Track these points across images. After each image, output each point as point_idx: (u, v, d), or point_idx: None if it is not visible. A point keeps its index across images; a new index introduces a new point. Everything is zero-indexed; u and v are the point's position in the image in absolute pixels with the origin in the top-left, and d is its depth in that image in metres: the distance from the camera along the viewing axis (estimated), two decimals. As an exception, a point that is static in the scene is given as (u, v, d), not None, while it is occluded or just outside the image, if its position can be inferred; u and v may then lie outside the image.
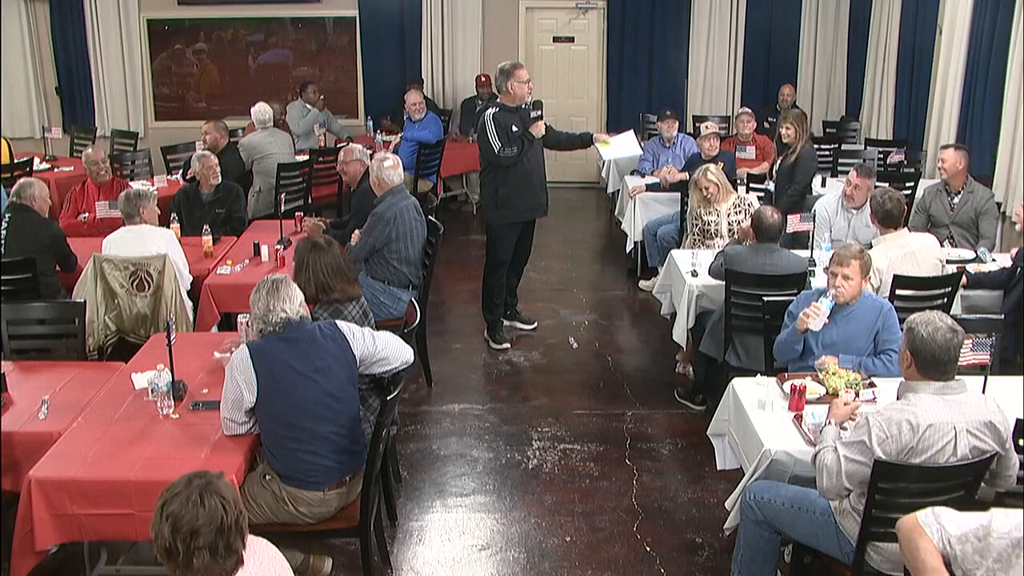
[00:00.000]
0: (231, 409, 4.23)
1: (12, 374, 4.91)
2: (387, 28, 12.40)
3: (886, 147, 9.88)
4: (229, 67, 12.73)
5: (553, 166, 12.84)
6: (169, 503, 2.60)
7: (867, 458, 3.66)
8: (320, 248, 4.97)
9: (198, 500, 2.59)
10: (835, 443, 3.81)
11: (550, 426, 6.25)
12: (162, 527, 2.59)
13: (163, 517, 2.59)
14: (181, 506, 2.58)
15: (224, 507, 2.62)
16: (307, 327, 4.28)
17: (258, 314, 4.20)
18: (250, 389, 4.13)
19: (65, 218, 7.76)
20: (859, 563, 3.81)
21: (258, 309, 4.19)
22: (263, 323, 4.20)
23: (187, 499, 2.58)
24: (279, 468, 4.21)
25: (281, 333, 4.20)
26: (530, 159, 7.06)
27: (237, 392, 4.16)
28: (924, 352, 3.69)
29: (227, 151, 8.85)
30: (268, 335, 4.21)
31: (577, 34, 12.77)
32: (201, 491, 2.61)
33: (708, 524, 5.14)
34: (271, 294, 4.19)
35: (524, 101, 6.99)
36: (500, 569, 4.81)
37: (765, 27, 12.34)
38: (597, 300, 8.78)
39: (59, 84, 12.58)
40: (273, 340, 4.19)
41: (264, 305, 4.18)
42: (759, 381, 4.76)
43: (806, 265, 6.09)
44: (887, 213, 6.05)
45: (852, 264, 4.90)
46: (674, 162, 9.44)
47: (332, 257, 4.97)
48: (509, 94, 6.99)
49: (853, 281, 4.91)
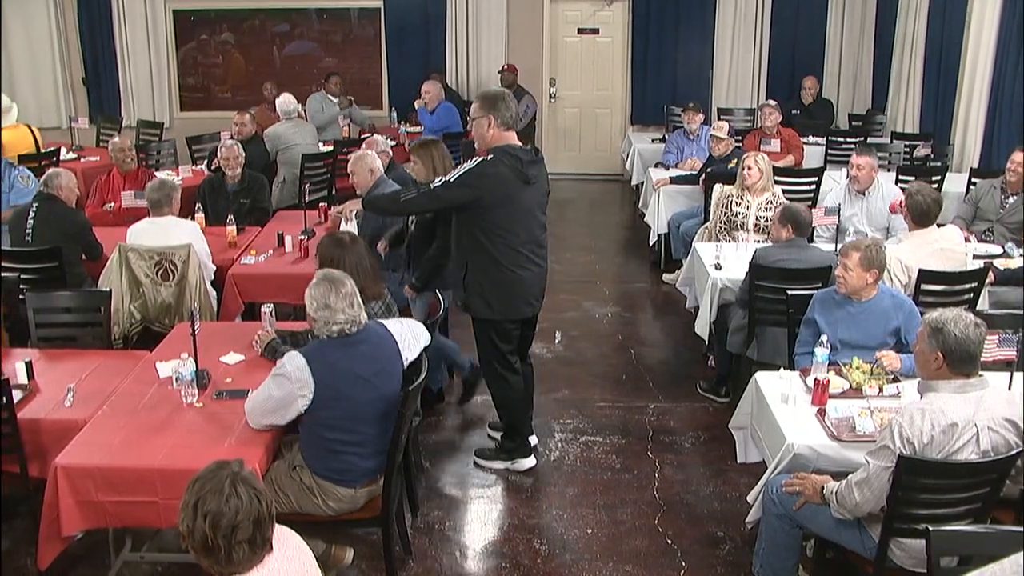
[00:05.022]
0: (268, 415, 4.14)
1: (38, 362, 4.95)
2: (412, 19, 12.42)
3: (912, 140, 9.81)
4: (254, 58, 12.79)
5: (577, 158, 13.02)
6: (204, 500, 2.58)
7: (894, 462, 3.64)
8: (345, 245, 4.88)
9: (233, 493, 2.59)
10: (864, 457, 3.79)
11: (572, 418, 6.25)
12: (199, 525, 2.58)
13: (200, 515, 2.58)
14: (219, 503, 2.57)
15: (258, 498, 2.63)
16: (367, 330, 4.21)
17: (320, 315, 4.07)
18: (305, 399, 4.03)
19: (91, 207, 7.81)
20: (882, 559, 3.79)
21: (319, 308, 4.07)
22: (324, 325, 4.08)
23: (222, 494, 2.58)
24: (316, 465, 4.19)
25: (342, 337, 4.11)
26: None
27: (284, 402, 4.06)
28: (959, 351, 3.65)
29: (252, 141, 8.88)
30: (325, 339, 4.11)
31: (602, 26, 12.75)
32: (233, 484, 2.61)
33: (730, 518, 5.12)
34: (334, 293, 4.05)
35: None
36: (521, 561, 4.81)
37: (791, 18, 12.24)
38: (620, 292, 8.76)
39: (86, 74, 12.70)
40: (331, 346, 4.10)
41: (325, 304, 4.06)
42: (782, 375, 4.74)
43: (831, 260, 6.05)
44: (924, 213, 5.98)
45: (852, 255, 4.89)
46: (698, 154, 9.42)
47: (358, 254, 4.89)
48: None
49: (853, 273, 4.89)
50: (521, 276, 5.20)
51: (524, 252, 5.18)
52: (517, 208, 5.11)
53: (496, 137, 5.12)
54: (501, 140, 5.12)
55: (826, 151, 10.07)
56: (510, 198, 5.05)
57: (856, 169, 7.13)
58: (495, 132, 5.11)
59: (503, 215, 5.07)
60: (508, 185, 5.03)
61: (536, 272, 5.29)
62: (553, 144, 13.01)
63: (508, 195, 5.04)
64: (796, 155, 9.53)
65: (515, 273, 5.18)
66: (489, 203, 5.02)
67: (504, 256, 5.12)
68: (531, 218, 5.21)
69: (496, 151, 5.06)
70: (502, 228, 5.09)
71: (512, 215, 5.10)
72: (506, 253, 5.12)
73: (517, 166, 5.04)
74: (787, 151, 9.48)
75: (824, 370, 4.60)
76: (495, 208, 5.04)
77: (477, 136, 5.21)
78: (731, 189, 7.29)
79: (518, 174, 5.04)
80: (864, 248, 4.89)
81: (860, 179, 7.10)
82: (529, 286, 5.29)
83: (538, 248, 5.28)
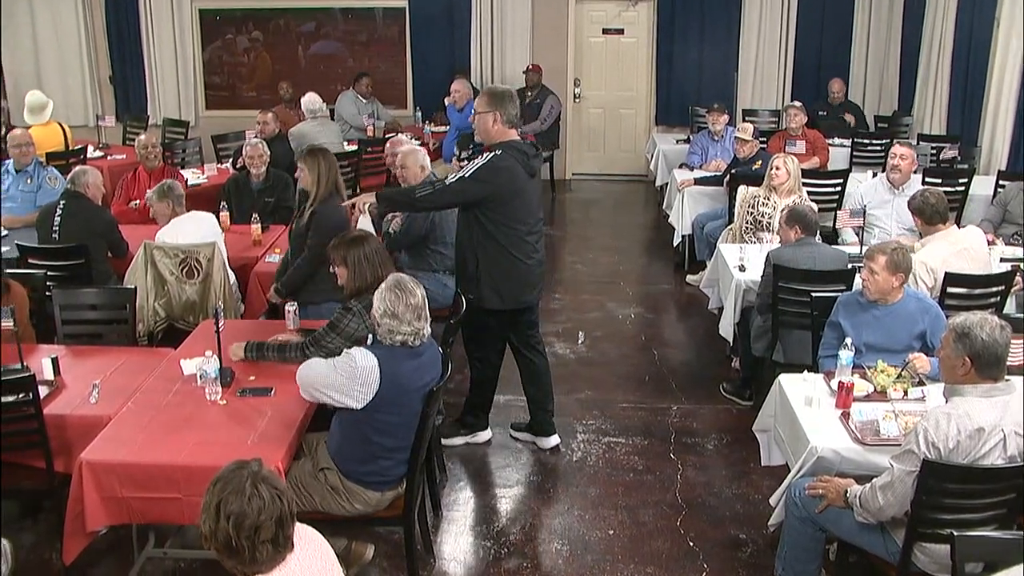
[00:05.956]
0: (319, 390, 4.10)
1: (64, 358, 4.98)
2: (436, 19, 12.42)
3: (939, 142, 9.73)
4: (280, 57, 12.83)
5: (601, 159, 13.01)
6: (226, 502, 2.59)
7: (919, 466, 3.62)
8: (364, 240, 4.88)
9: (255, 493, 2.59)
10: (889, 461, 3.77)
11: (595, 419, 6.24)
12: (222, 526, 2.59)
13: (223, 516, 2.58)
14: (241, 503, 2.58)
15: (279, 497, 2.64)
16: (430, 342, 4.23)
17: (385, 323, 4.04)
18: (363, 398, 4.02)
19: (117, 205, 7.86)
20: (905, 564, 3.77)
21: (385, 315, 4.04)
22: (388, 333, 4.06)
23: (244, 495, 2.59)
24: (350, 469, 4.19)
25: (409, 347, 4.10)
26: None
27: (340, 389, 4.02)
28: (986, 355, 3.63)
29: (277, 140, 8.92)
30: (392, 346, 4.09)
31: (627, 26, 12.71)
32: (254, 484, 2.61)
33: (752, 520, 5.10)
34: (402, 304, 4.02)
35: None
36: (543, 561, 4.81)
37: (817, 19, 12.15)
38: (644, 293, 8.74)
39: (113, 73, 12.78)
40: (400, 355, 4.09)
41: (393, 312, 4.03)
42: (806, 377, 4.72)
43: (845, 259, 6.02)
44: (933, 209, 5.96)
45: (878, 259, 4.85)
46: (723, 156, 9.39)
47: (375, 247, 4.88)
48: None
49: (879, 276, 4.86)
50: (529, 265, 5.40)
51: (530, 242, 5.38)
52: (525, 200, 5.32)
53: (500, 133, 5.29)
54: (504, 136, 5.29)
55: (851, 153, 10.01)
56: (520, 191, 5.25)
57: (899, 159, 7.09)
58: (499, 128, 5.28)
59: (513, 208, 5.24)
60: (518, 179, 5.23)
61: (539, 260, 5.51)
62: (577, 144, 13.00)
63: (519, 188, 5.24)
64: (821, 157, 9.49)
65: (524, 263, 5.37)
66: (502, 197, 5.17)
67: (514, 247, 5.29)
68: (535, 209, 5.44)
69: (503, 146, 5.22)
70: (512, 220, 5.26)
71: (521, 207, 5.29)
72: (516, 244, 5.30)
73: (524, 160, 5.25)
74: (812, 153, 9.44)
75: (848, 373, 4.57)
76: (508, 201, 5.20)
77: (481, 130, 5.36)
78: (757, 190, 7.28)
79: (526, 167, 5.24)
80: (891, 252, 4.86)
81: (902, 170, 7.06)
82: (534, 274, 5.49)
83: (540, 237, 5.50)
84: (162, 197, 6.65)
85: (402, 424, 4.15)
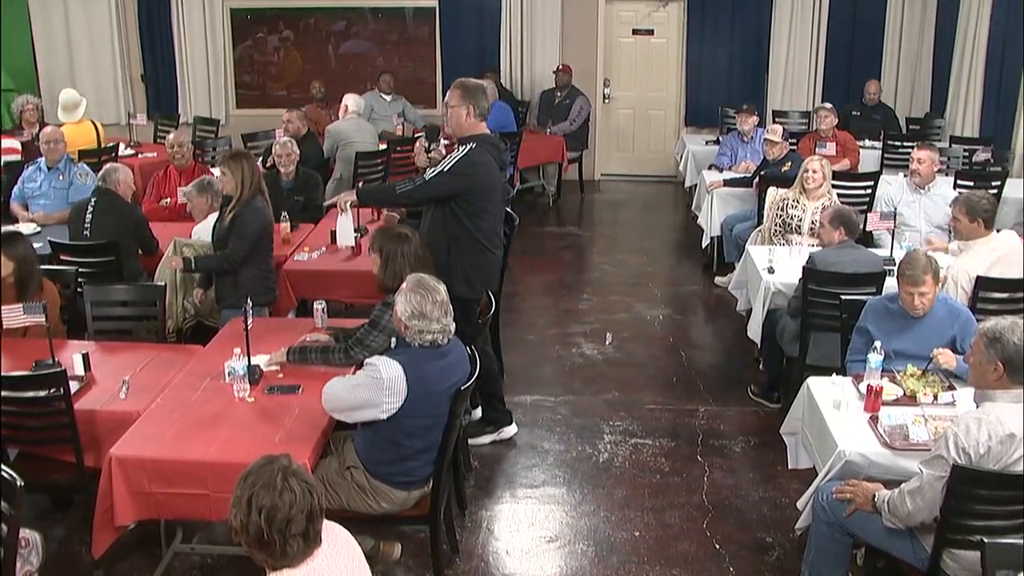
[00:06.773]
0: (345, 410, 4.10)
1: (95, 354, 5.04)
2: (466, 18, 12.42)
3: (972, 145, 9.64)
4: (310, 56, 12.87)
5: (630, 159, 12.98)
6: (257, 495, 2.61)
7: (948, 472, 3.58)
8: (407, 238, 4.85)
9: (286, 487, 2.61)
10: (918, 466, 3.73)
11: (622, 420, 6.23)
12: (254, 519, 2.60)
13: (254, 510, 2.60)
14: (272, 497, 2.60)
15: (310, 491, 2.66)
16: (455, 341, 4.22)
17: (414, 324, 4.03)
18: (392, 408, 3.99)
19: (147, 203, 7.91)
20: (934, 570, 3.73)
21: (413, 316, 4.03)
22: (418, 334, 4.05)
23: (275, 488, 2.61)
24: (378, 469, 4.19)
25: (434, 348, 4.10)
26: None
27: (368, 403, 4.00)
28: (1018, 360, 3.59)
29: (307, 139, 8.96)
30: (418, 348, 4.08)
31: (657, 27, 12.66)
32: (285, 477, 2.63)
33: (779, 523, 5.08)
34: (429, 302, 4.02)
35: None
36: (568, 562, 4.81)
37: (848, 20, 12.04)
38: (672, 295, 8.71)
39: (144, 71, 12.87)
40: (425, 357, 4.08)
41: (421, 312, 4.02)
42: (835, 381, 4.69)
43: (881, 263, 5.98)
44: (987, 213, 5.90)
45: (927, 280, 4.73)
46: (752, 157, 9.33)
47: (417, 246, 4.87)
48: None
49: (928, 295, 4.78)
50: (496, 255, 5.65)
51: (497, 232, 5.60)
52: (497, 193, 5.52)
53: (472, 126, 5.43)
54: (476, 130, 5.44)
55: (882, 155, 9.94)
56: (495, 184, 5.48)
57: (917, 163, 7.07)
58: (472, 121, 5.42)
59: (487, 200, 5.43)
60: (493, 172, 5.45)
61: (501, 250, 5.77)
62: (606, 145, 12.97)
63: (494, 181, 5.46)
64: (852, 159, 9.41)
65: (493, 253, 5.58)
66: (479, 190, 5.33)
67: (484, 237, 5.46)
68: (502, 201, 5.68)
69: (477, 139, 5.38)
70: (484, 211, 5.42)
71: (493, 199, 5.49)
72: (486, 234, 5.47)
73: (496, 153, 5.48)
74: (843, 155, 9.35)
75: (877, 376, 4.54)
76: (484, 195, 5.37)
77: (454, 123, 5.49)
78: (788, 192, 7.24)
79: (497, 160, 5.44)
80: (933, 268, 4.76)
81: (921, 173, 7.03)
82: (499, 263, 5.79)
83: (503, 228, 5.75)
84: (202, 192, 6.71)
85: (430, 426, 4.14)
